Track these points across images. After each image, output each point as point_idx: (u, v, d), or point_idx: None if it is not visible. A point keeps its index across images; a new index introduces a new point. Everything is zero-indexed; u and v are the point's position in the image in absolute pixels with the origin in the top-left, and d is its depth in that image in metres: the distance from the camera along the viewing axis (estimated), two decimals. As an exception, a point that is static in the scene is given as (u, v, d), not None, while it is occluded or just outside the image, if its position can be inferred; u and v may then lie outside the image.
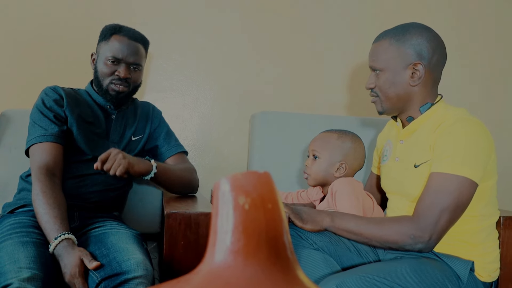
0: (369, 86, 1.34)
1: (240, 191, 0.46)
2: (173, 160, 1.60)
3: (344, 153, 1.41)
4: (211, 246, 0.47)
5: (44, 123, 1.41)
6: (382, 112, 1.34)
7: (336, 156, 1.41)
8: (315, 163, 1.42)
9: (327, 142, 1.43)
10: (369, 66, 1.34)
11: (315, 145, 1.44)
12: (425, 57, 1.26)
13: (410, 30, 1.27)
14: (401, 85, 1.28)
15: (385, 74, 1.29)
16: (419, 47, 1.25)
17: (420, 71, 1.26)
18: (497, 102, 2.27)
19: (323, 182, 1.44)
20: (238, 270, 0.44)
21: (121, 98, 1.51)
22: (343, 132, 1.46)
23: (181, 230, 1.28)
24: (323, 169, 1.42)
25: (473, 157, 1.18)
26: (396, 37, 1.28)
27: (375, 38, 1.34)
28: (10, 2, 1.91)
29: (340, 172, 1.41)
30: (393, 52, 1.27)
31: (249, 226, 0.46)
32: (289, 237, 0.48)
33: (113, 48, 1.46)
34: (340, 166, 1.41)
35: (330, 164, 1.41)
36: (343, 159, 1.41)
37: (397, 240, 1.19)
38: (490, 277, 1.27)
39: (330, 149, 1.42)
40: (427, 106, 1.29)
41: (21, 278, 1.07)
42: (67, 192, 1.37)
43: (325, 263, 1.27)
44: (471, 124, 1.21)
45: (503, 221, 1.35)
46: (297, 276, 0.47)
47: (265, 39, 2.09)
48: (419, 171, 1.25)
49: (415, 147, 1.29)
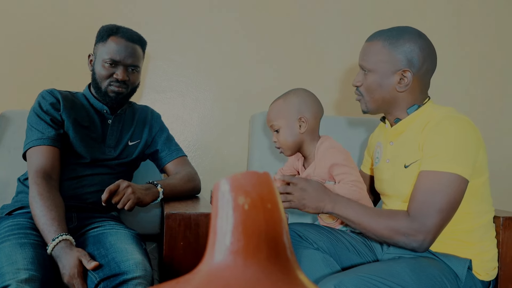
0: (356, 84, 1.34)
1: (239, 191, 0.46)
2: (173, 164, 1.60)
3: (295, 110, 1.42)
4: (210, 246, 0.47)
5: (41, 126, 1.41)
6: (366, 112, 1.35)
7: (291, 117, 1.41)
8: (279, 135, 1.43)
9: (277, 111, 1.44)
10: (359, 64, 1.34)
11: (269, 120, 1.45)
12: (415, 65, 1.26)
13: (405, 35, 1.27)
14: (387, 89, 1.29)
15: (373, 75, 1.29)
16: (411, 54, 1.25)
17: (408, 78, 1.26)
18: (497, 101, 2.27)
19: (297, 146, 1.44)
20: (237, 270, 0.44)
21: (120, 99, 1.50)
22: (285, 93, 1.47)
23: (181, 231, 1.28)
24: (288, 135, 1.42)
25: (462, 153, 1.18)
26: (389, 40, 1.27)
27: (369, 37, 1.34)
28: (10, 3, 1.91)
29: (304, 127, 1.41)
30: (384, 55, 1.27)
31: (249, 226, 0.46)
32: (288, 237, 0.48)
33: (110, 50, 1.45)
34: (300, 122, 1.41)
35: (290, 128, 1.41)
36: (298, 115, 1.41)
37: (391, 237, 1.19)
38: (488, 276, 1.28)
39: (282, 114, 1.42)
40: (414, 108, 1.30)
41: (19, 280, 1.07)
42: (64, 194, 1.37)
43: (325, 263, 1.27)
44: (458, 121, 1.21)
45: (503, 222, 1.35)
46: (296, 276, 0.47)
47: (265, 39, 2.09)
48: (409, 171, 1.26)
49: (404, 148, 1.30)
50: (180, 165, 1.60)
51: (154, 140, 1.62)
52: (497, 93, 2.26)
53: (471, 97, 2.23)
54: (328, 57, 2.13)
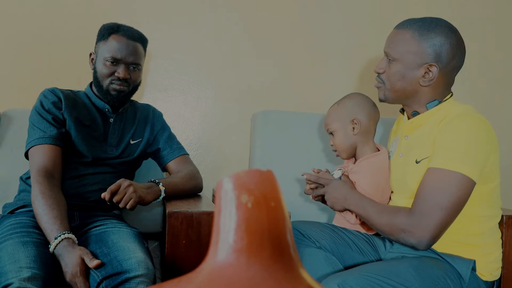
0: (378, 71, 1.30)
1: (243, 190, 0.46)
2: (175, 163, 1.60)
3: (349, 113, 1.42)
4: (213, 245, 0.47)
5: (43, 125, 1.41)
6: (384, 100, 1.32)
7: (345, 119, 1.43)
8: (335, 138, 1.45)
9: (332, 115, 1.46)
10: (384, 50, 1.29)
11: (326, 124, 1.48)
12: (442, 60, 1.21)
13: (436, 28, 1.22)
14: (410, 81, 1.25)
15: (398, 65, 1.25)
16: (440, 49, 1.21)
17: (433, 73, 1.22)
18: (497, 101, 2.26)
19: (352, 149, 1.45)
20: (241, 268, 0.44)
21: (122, 97, 1.50)
22: (342, 98, 1.48)
23: (183, 229, 1.28)
24: (343, 137, 1.43)
25: (472, 154, 1.15)
26: (420, 31, 1.22)
27: (399, 24, 1.28)
28: (10, 3, 1.91)
29: (357, 129, 1.41)
30: (412, 46, 1.23)
31: (252, 224, 0.45)
32: (292, 236, 0.48)
33: (112, 48, 1.45)
34: (353, 124, 1.41)
35: (344, 130, 1.43)
36: (351, 117, 1.42)
37: (391, 233, 1.19)
38: (492, 276, 1.27)
39: (337, 117, 1.44)
40: (434, 104, 1.26)
41: (22, 278, 1.07)
42: (66, 192, 1.37)
43: (327, 262, 1.27)
44: (473, 120, 1.19)
45: (506, 220, 1.34)
46: (300, 274, 0.46)
47: (266, 37, 2.08)
48: (420, 167, 1.23)
49: (418, 143, 1.27)
50: (182, 164, 1.60)
51: (156, 138, 1.62)
52: (497, 93, 2.26)
53: (472, 95, 2.22)
54: (328, 56, 2.12)
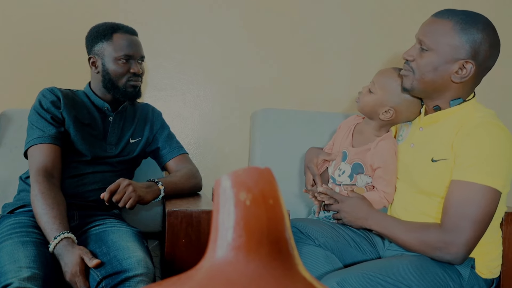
0: (407, 58, 1.24)
1: (241, 187, 0.46)
2: (175, 162, 1.60)
3: (397, 101, 1.35)
4: (212, 242, 0.47)
5: (42, 124, 1.41)
6: (408, 90, 1.27)
7: (389, 100, 1.35)
8: (369, 96, 1.38)
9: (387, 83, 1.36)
10: (417, 37, 1.23)
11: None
12: (479, 58, 1.18)
13: (478, 24, 1.18)
14: (442, 75, 1.20)
15: (432, 56, 1.20)
16: (479, 46, 1.17)
17: (467, 70, 1.18)
18: (498, 101, 2.26)
19: (368, 115, 1.42)
20: (239, 266, 0.44)
21: (138, 92, 1.53)
22: None
23: (183, 228, 1.28)
24: (372, 104, 1.38)
25: (496, 165, 1.14)
26: (461, 24, 1.17)
27: (438, 12, 1.23)
28: (10, 3, 1.91)
29: (386, 116, 1.36)
30: (451, 38, 1.17)
31: (251, 222, 0.45)
32: (290, 233, 0.48)
33: (121, 46, 1.47)
34: (388, 110, 1.36)
35: (380, 104, 1.37)
36: (393, 106, 1.35)
37: (424, 251, 1.19)
38: (491, 274, 1.27)
39: (387, 90, 1.36)
40: (458, 102, 1.23)
41: (21, 278, 1.07)
42: (66, 192, 1.37)
43: (327, 260, 1.27)
44: (495, 129, 1.17)
45: (505, 217, 1.34)
46: (298, 272, 0.47)
47: (266, 36, 2.08)
48: (436, 167, 1.22)
49: (435, 140, 1.25)
50: (181, 163, 1.60)
51: (155, 137, 1.62)
52: (497, 92, 2.26)
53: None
54: (328, 55, 2.12)
